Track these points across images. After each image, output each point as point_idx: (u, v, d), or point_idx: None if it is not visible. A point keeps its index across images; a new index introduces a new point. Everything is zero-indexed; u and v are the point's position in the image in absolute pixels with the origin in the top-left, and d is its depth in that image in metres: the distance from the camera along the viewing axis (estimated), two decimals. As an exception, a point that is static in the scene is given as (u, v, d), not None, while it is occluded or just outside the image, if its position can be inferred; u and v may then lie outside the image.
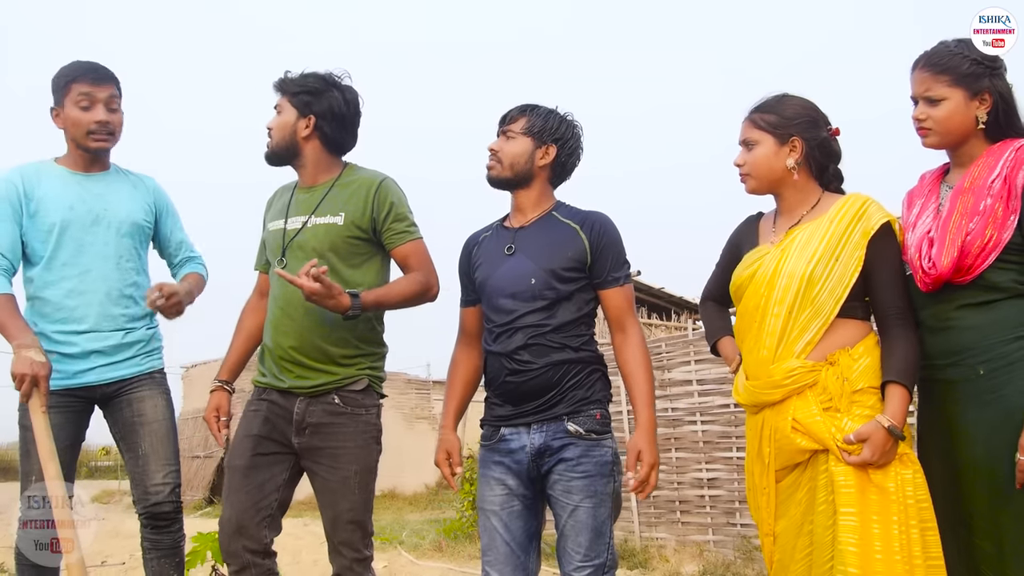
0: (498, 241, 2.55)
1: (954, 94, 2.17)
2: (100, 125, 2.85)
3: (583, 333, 2.43)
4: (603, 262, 2.43)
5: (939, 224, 2.17)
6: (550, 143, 2.50)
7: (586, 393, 2.38)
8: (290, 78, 2.73)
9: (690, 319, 11.26)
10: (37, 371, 2.55)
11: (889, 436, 2.05)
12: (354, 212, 2.66)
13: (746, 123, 2.36)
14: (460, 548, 7.61)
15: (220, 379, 2.83)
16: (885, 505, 2.02)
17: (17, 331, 2.62)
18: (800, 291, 2.19)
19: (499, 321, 2.45)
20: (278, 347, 2.66)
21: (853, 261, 2.18)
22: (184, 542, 2.94)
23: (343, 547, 2.61)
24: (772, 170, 2.32)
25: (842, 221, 2.21)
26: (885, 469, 2.06)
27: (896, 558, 1.98)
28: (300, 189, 2.78)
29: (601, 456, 2.34)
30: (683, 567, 6.22)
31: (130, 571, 6.66)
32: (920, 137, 2.25)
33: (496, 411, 2.47)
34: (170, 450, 2.87)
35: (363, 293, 2.54)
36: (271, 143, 2.75)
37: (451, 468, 2.53)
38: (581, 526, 2.30)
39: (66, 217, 2.82)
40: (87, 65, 2.88)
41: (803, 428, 2.15)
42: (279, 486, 2.64)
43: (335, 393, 2.63)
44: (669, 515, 7.01)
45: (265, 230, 2.83)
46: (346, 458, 2.61)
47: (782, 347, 2.22)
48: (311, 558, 6.82)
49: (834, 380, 2.14)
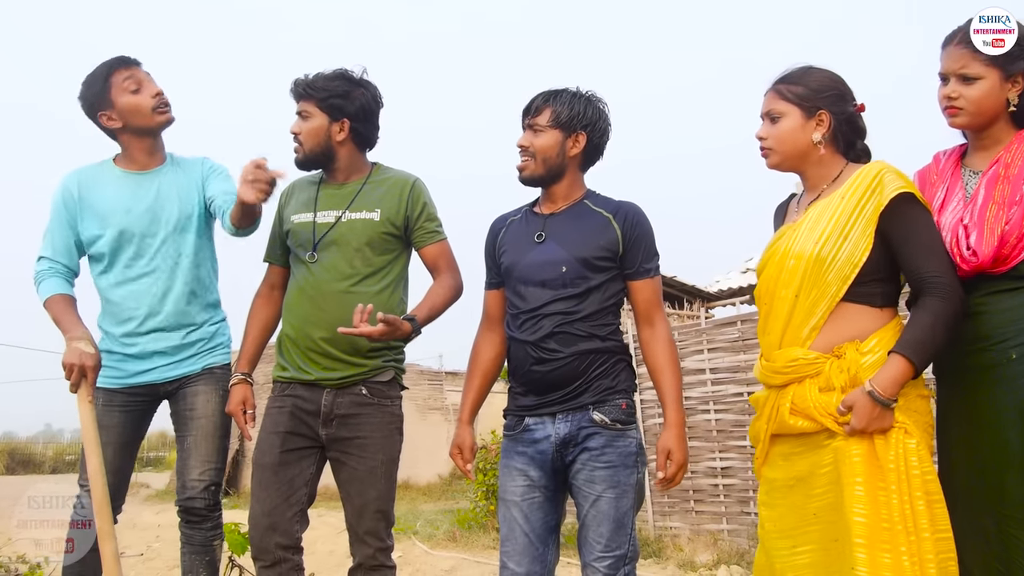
0: (527, 227, 2.53)
1: (990, 73, 2.12)
2: (158, 98, 2.86)
3: (610, 323, 2.42)
4: (635, 253, 2.42)
5: (973, 212, 2.12)
6: (579, 131, 2.46)
7: (612, 383, 2.37)
8: (314, 83, 2.71)
9: (703, 308, 11.23)
10: (85, 361, 2.59)
11: (872, 402, 1.96)
12: (389, 209, 2.72)
13: (771, 94, 2.26)
14: (474, 538, 7.63)
15: (242, 371, 2.84)
16: (886, 476, 1.97)
17: (70, 325, 2.69)
18: (807, 273, 2.11)
19: (524, 308, 2.43)
20: (306, 339, 2.67)
21: (864, 239, 2.07)
22: (219, 542, 2.92)
23: (368, 536, 2.63)
24: (797, 144, 2.22)
25: (853, 196, 2.11)
26: (887, 439, 1.99)
27: (899, 528, 1.92)
28: (328, 184, 2.81)
29: (626, 447, 2.34)
30: (697, 556, 6.22)
31: (147, 562, 6.73)
32: (948, 116, 2.19)
33: (520, 401, 2.46)
34: (212, 448, 2.86)
35: (417, 314, 2.63)
36: (304, 149, 2.74)
37: (464, 462, 2.56)
38: (603, 516, 2.29)
39: (123, 220, 2.85)
40: (114, 57, 2.88)
41: (800, 411, 2.11)
42: (307, 480, 2.68)
43: (362, 384, 2.66)
44: (683, 504, 7.00)
45: (287, 222, 2.82)
46: (373, 448, 2.65)
47: (788, 331, 2.16)
48: (326, 548, 6.86)
49: (838, 374, 2.07)
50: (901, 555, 1.91)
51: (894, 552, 1.91)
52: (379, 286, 2.70)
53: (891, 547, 1.92)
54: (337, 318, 2.62)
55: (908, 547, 1.91)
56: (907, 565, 1.90)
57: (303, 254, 2.73)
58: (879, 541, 1.93)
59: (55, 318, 2.73)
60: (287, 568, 2.61)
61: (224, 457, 2.90)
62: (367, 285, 2.68)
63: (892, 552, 1.91)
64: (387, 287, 2.72)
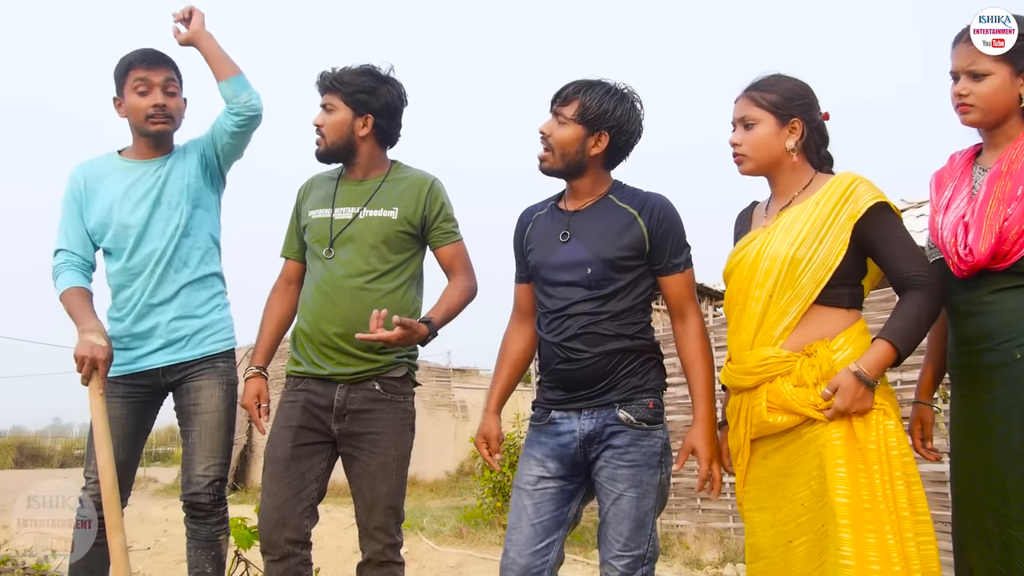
0: (552, 223, 2.49)
1: (1000, 69, 2.12)
2: (157, 108, 2.85)
3: (639, 320, 2.38)
4: (663, 248, 2.37)
5: (974, 209, 2.12)
6: (603, 131, 2.39)
7: (640, 381, 2.34)
8: (341, 76, 2.72)
9: (711, 306, 11.20)
10: (96, 354, 2.59)
11: (858, 381, 2.00)
12: (407, 208, 2.73)
13: (744, 101, 2.28)
14: (481, 535, 7.64)
15: (257, 365, 2.84)
16: (866, 456, 2.00)
17: (83, 318, 2.70)
18: (782, 274, 2.14)
19: (552, 308, 2.41)
20: (320, 333, 2.68)
21: (838, 244, 2.11)
22: (224, 537, 2.91)
23: (378, 532, 2.64)
24: (771, 151, 2.25)
25: (828, 202, 2.14)
26: (867, 420, 2.02)
27: (881, 507, 1.94)
28: (347, 181, 2.82)
29: (651, 446, 2.31)
30: (703, 554, 6.21)
31: (155, 556, 6.75)
32: (960, 114, 2.19)
33: (548, 394, 2.45)
34: (217, 442, 2.86)
35: (433, 317, 2.64)
36: (326, 142, 2.74)
37: (489, 452, 2.57)
38: (623, 515, 2.27)
39: (121, 209, 2.87)
40: (141, 51, 2.90)
41: (778, 405, 2.11)
42: (318, 476, 2.68)
43: (375, 380, 2.67)
44: (689, 502, 7.00)
45: (304, 217, 2.83)
46: (385, 444, 2.66)
47: (761, 331, 2.18)
48: (334, 543, 6.87)
49: (809, 370, 2.09)
50: (885, 534, 1.93)
51: (878, 531, 1.93)
52: (394, 284, 2.71)
53: (875, 527, 1.94)
54: (352, 314, 2.63)
55: (891, 526, 1.93)
56: (891, 543, 1.92)
57: (320, 250, 2.73)
58: (862, 522, 1.94)
59: (69, 311, 2.74)
60: (296, 563, 2.61)
61: (229, 452, 2.90)
62: (382, 282, 2.69)
63: (876, 532, 1.93)
64: (402, 285, 2.73)
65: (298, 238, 2.88)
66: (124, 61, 2.89)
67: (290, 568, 2.60)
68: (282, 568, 2.60)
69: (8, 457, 27.92)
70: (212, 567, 2.86)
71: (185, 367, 2.89)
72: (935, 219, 2.22)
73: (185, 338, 2.89)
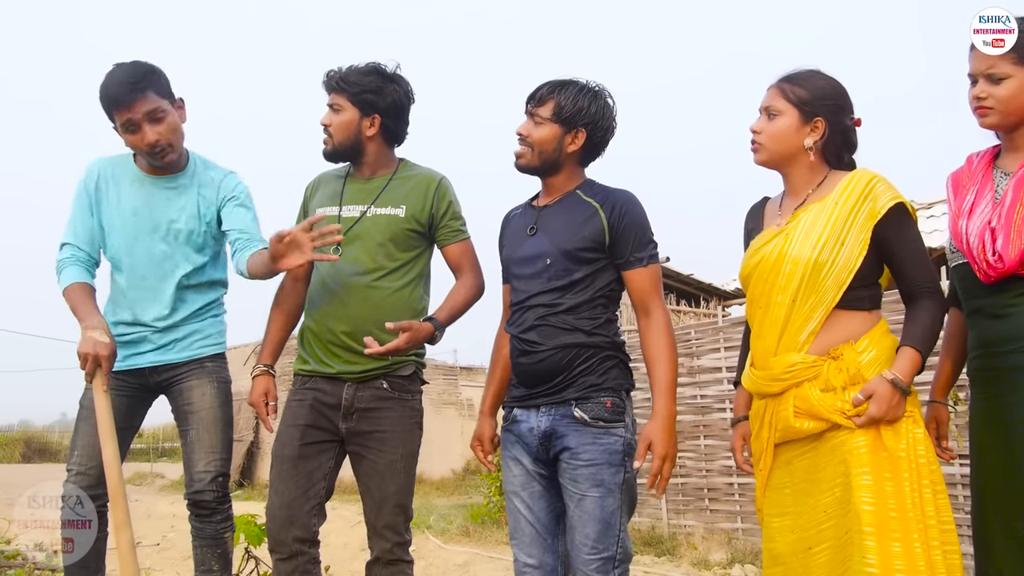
0: (524, 220, 2.52)
1: (1018, 72, 2.10)
2: (150, 147, 2.76)
3: (598, 316, 2.35)
4: (624, 242, 2.35)
5: (1001, 214, 2.09)
6: (579, 128, 2.41)
7: (597, 380, 2.31)
8: (347, 76, 2.70)
9: (719, 306, 11.17)
10: (100, 351, 2.58)
11: (894, 389, 2.00)
12: (414, 206, 2.73)
13: (773, 91, 2.25)
14: (487, 533, 7.64)
15: (265, 363, 2.83)
16: (895, 464, 1.98)
17: (86, 314, 2.68)
18: (805, 277, 2.12)
19: (515, 300, 2.43)
20: (328, 332, 2.68)
21: (858, 244, 2.10)
22: (229, 535, 2.90)
23: (387, 530, 2.63)
24: (789, 145, 2.22)
25: (847, 202, 2.12)
26: (896, 429, 2.02)
27: (910, 515, 1.93)
28: (354, 179, 2.81)
29: (610, 444, 2.27)
30: (711, 554, 6.20)
31: (163, 552, 6.76)
32: (978, 117, 2.17)
33: (512, 392, 2.45)
34: (215, 438, 2.85)
35: (439, 316, 2.66)
36: (333, 142, 2.73)
37: (484, 454, 2.57)
38: (588, 517, 2.24)
39: (128, 222, 2.85)
40: (114, 88, 2.72)
41: (805, 411, 2.10)
42: (326, 474, 2.67)
43: (383, 378, 2.66)
44: (697, 502, 6.99)
45: (312, 215, 2.79)
46: (393, 442, 2.65)
47: (785, 336, 2.15)
48: (340, 541, 6.88)
49: (836, 374, 2.08)
50: (912, 542, 1.91)
51: (905, 540, 1.92)
52: (401, 282, 2.70)
53: (902, 535, 1.92)
54: (359, 312, 2.63)
55: (919, 534, 1.92)
56: (918, 551, 1.91)
57: (327, 248, 2.72)
58: (888, 530, 1.93)
59: (72, 307, 2.73)
60: (304, 561, 2.61)
61: (228, 447, 2.88)
62: (389, 280, 2.68)
63: (903, 540, 1.92)
64: (409, 283, 2.72)
65: None
66: (103, 102, 2.74)
67: (298, 566, 2.60)
68: (290, 566, 2.60)
69: (15, 451, 28.06)
70: (218, 564, 2.86)
71: (172, 368, 2.88)
72: (958, 223, 2.19)
73: (174, 342, 2.88)
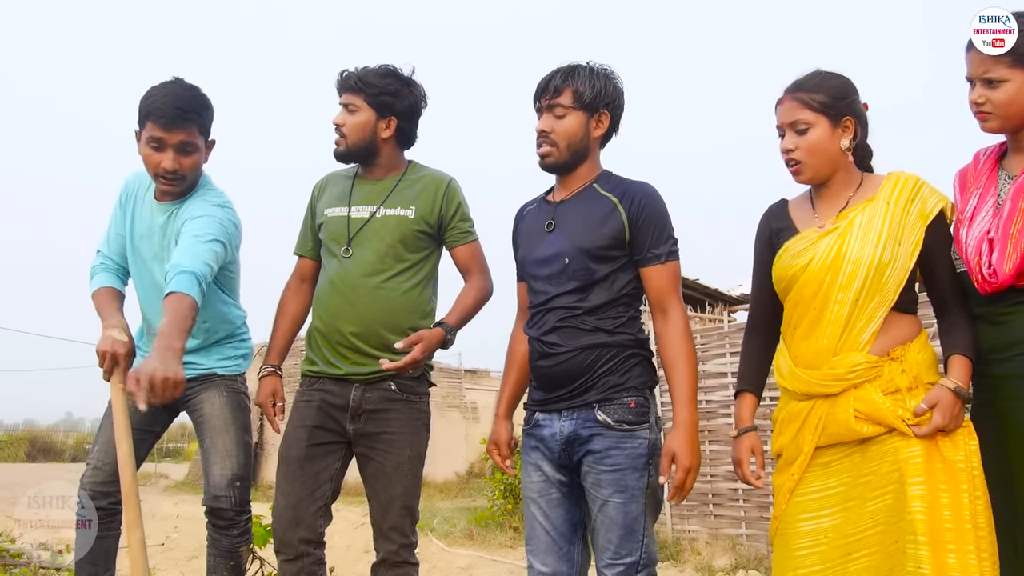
0: (539, 216, 2.44)
1: (1015, 75, 2.06)
2: (164, 172, 2.70)
3: (621, 315, 2.28)
4: (643, 237, 2.27)
5: (999, 225, 2.07)
6: (603, 110, 2.34)
7: (620, 379, 2.24)
8: (365, 77, 2.70)
9: (725, 311, 11.16)
10: (117, 349, 2.55)
11: (956, 397, 2.00)
12: (423, 208, 2.73)
13: (794, 104, 2.18)
14: (491, 537, 7.63)
15: (272, 364, 2.83)
16: (953, 474, 1.97)
17: (108, 314, 2.69)
18: (869, 277, 2.08)
19: (535, 302, 2.37)
20: (336, 333, 2.67)
21: (911, 245, 2.09)
22: (245, 548, 2.86)
23: (393, 532, 2.62)
24: (830, 155, 2.16)
25: (898, 203, 2.11)
26: (954, 439, 2.00)
27: (967, 527, 1.92)
28: (363, 179, 2.81)
29: (634, 448, 2.21)
30: (715, 560, 6.18)
31: (167, 552, 6.77)
32: (979, 121, 2.14)
33: (533, 395, 2.40)
34: (229, 441, 2.81)
35: (449, 319, 2.68)
36: (347, 142, 2.72)
37: (501, 458, 2.53)
38: (611, 522, 2.20)
39: (139, 247, 2.85)
40: (163, 101, 2.66)
41: (865, 415, 2.06)
42: (332, 475, 2.67)
43: (391, 380, 2.66)
44: (702, 508, 6.97)
45: (320, 215, 2.81)
46: (400, 444, 2.65)
47: (846, 336, 2.11)
48: (344, 543, 6.88)
49: (899, 375, 2.06)
50: (968, 554, 1.90)
51: (960, 551, 1.90)
52: (410, 283, 2.70)
53: (957, 546, 1.91)
54: (368, 314, 2.63)
55: (974, 545, 1.91)
56: (974, 563, 1.89)
57: (336, 248, 2.72)
58: (942, 541, 1.91)
59: (97, 308, 2.74)
60: (309, 562, 2.60)
61: (245, 451, 2.83)
62: (398, 282, 2.68)
63: (958, 551, 1.90)
64: (417, 284, 2.72)
65: (312, 236, 2.87)
66: (144, 106, 2.69)
67: (304, 567, 2.60)
68: (296, 567, 2.60)
69: (20, 451, 28.07)
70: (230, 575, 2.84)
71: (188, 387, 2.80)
72: (959, 231, 2.17)
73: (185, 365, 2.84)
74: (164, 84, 2.72)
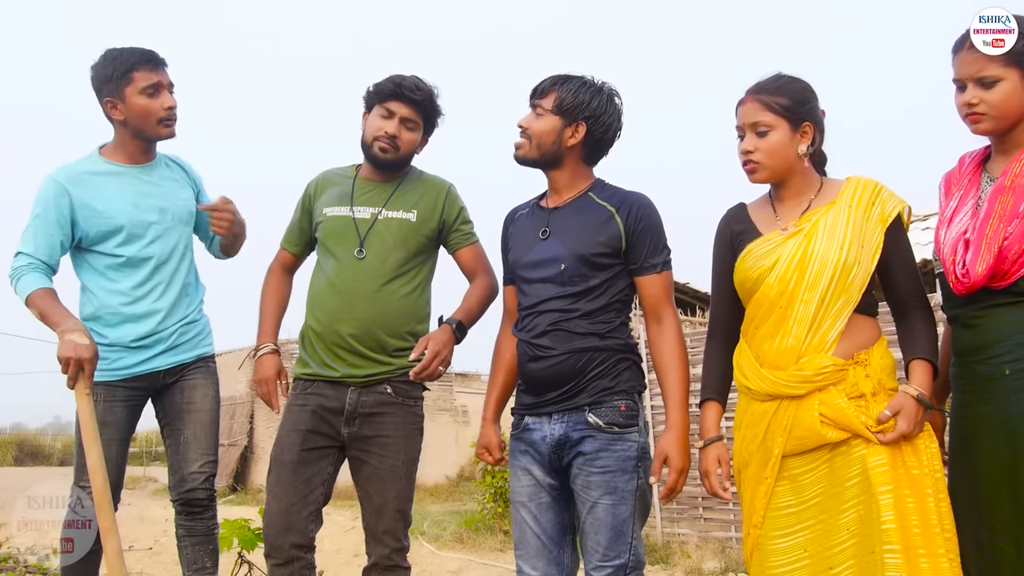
0: (533, 221, 2.47)
1: (1010, 74, 2.04)
2: (170, 111, 2.80)
3: (612, 320, 2.32)
4: (640, 248, 2.32)
5: (975, 226, 2.07)
6: (580, 121, 2.37)
7: (610, 383, 2.27)
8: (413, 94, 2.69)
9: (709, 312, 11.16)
10: (82, 354, 2.49)
11: (919, 404, 2.01)
12: (425, 212, 2.75)
13: (755, 105, 2.19)
14: (481, 540, 7.63)
15: (271, 343, 2.81)
16: (917, 479, 1.99)
17: (60, 317, 2.60)
18: (835, 277, 2.09)
19: (525, 304, 2.38)
20: (334, 334, 2.65)
21: (873, 248, 2.11)
22: (217, 529, 2.95)
23: (386, 536, 2.62)
24: (787, 158, 2.18)
25: (859, 205, 2.13)
26: (915, 445, 2.03)
27: (935, 531, 1.94)
28: (364, 180, 2.81)
29: (624, 451, 2.24)
30: (705, 563, 6.19)
31: (155, 556, 6.75)
32: (970, 124, 2.11)
33: (522, 399, 2.40)
34: (211, 440, 2.89)
35: (460, 319, 2.69)
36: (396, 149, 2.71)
37: (494, 462, 2.55)
38: (600, 524, 2.21)
39: (133, 215, 2.80)
40: (141, 51, 2.77)
41: (831, 420, 2.06)
42: (325, 480, 2.66)
43: (387, 383, 2.66)
44: (691, 511, 6.98)
45: (318, 214, 2.78)
46: (394, 447, 2.65)
47: (812, 335, 2.11)
48: (333, 547, 6.87)
49: (864, 380, 2.07)
50: (939, 557, 1.92)
51: (931, 555, 1.92)
52: (409, 287, 2.70)
53: (928, 550, 1.93)
54: (367, 316, 2.62)
55: (945, 547, 1.94)
56: (945, 566, 1.92)
57: (337, 248, 2.71)
58: (914, 547, 1.93)
59: (42, 311, 2.62)
60: (300, 567, 2.60)
61: (217, 450, 2.95)
62: (398, 284, 2.68)
63: (929, 556, 1.92)
64: (416, 288, 2.72)
65: (300, 232, 2.86)
66: (123, 61, 2.74)
67: (294, 572, 2.59)
68: (286, 572, 2.59)
69: (8, 455, 27.89)
70: (211, 561, 2.87)
71: (182, 368, 2.89)
72: (939, 231, 2.18)
73: (187, 340, 2.91)
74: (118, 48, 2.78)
